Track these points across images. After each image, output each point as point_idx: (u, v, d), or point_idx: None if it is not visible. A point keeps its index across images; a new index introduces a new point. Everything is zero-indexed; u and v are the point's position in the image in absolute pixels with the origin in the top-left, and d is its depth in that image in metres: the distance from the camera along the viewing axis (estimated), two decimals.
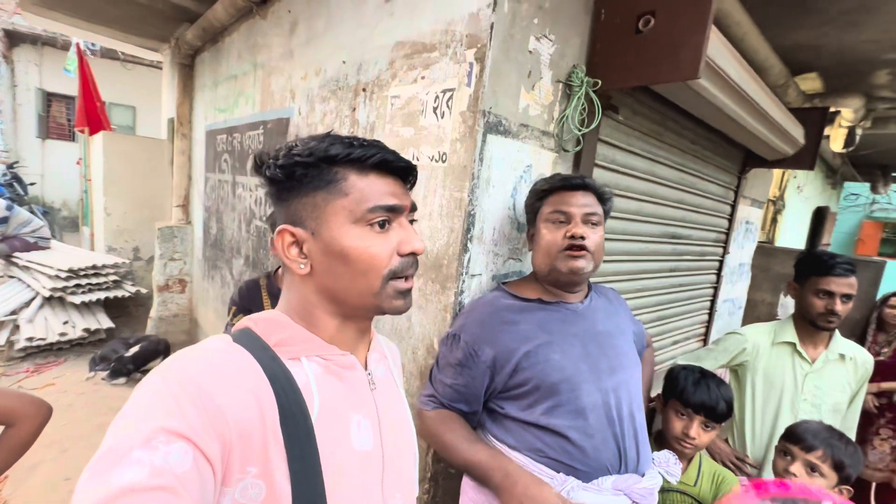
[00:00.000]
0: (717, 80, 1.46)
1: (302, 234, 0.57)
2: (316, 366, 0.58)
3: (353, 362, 0.62)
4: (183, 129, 3.68)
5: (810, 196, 5.22)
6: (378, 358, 0.68)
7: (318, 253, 0.57)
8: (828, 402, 1.60)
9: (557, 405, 0.99)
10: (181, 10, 3.21)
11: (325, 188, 0.56)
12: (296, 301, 0.60)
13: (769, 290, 3.60)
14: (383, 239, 0.58)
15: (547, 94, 1.33)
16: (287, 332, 0.59)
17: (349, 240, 0.56)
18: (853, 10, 2.12)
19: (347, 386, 0.60)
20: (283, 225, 0.58)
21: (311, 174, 0.56)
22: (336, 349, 0.60)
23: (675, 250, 2.25)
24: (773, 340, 1.67)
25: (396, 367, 0.77)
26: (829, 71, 2.84)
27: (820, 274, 1.55)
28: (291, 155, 0.56)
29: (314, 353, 0.59)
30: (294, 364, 0.56)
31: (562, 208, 1.08)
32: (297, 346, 0.58)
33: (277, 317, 0.60)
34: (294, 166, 0.56)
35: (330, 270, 0.57)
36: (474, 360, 1.04)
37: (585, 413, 0.99)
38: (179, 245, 3.74)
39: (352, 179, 0.56)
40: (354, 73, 1.65)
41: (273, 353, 0.56)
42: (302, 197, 0.57)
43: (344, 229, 0.56)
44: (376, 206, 0.57)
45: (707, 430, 1.28)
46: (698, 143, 2.16)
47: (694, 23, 1.18)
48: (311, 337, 0.59)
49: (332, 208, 0.56)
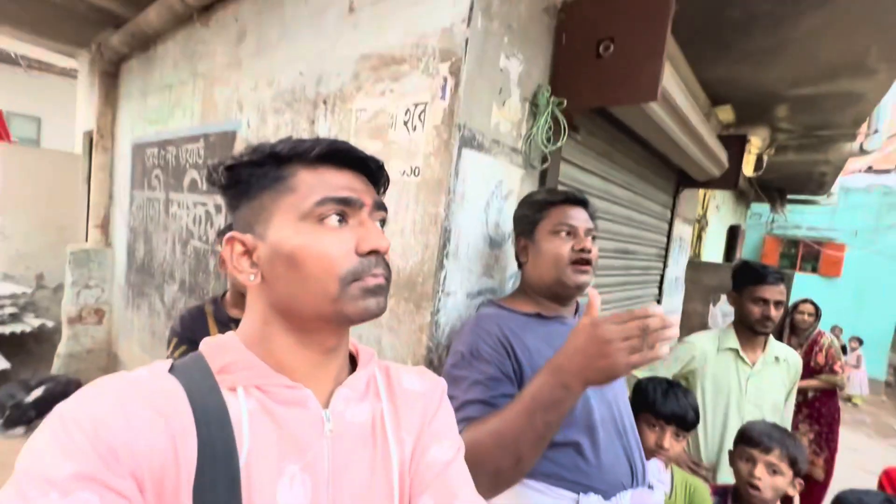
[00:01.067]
0: (666, 107, 1.58)
1: (251, 241, 0.52)
2: (253, 399, 0.50)
3: (304, 397, 0.51)
4: (104, 142, 3.32)
5: (725, 215, 5.81)
6: (351, 396, 0.55)
7: (267, 260, 0.51)
8: (768, 401, 1.73)
9: (570, 423, 0.95)
10: (105, 14, 2.93)
11: (271, 187, 0.51)
12: (251, 320, 0.54)
13: (700, 301, 3.90)
14: (336, 236, 0.50)
15: (516, 111, 1.35)
16: (230, 356, 0.51)
17: (296, 238, 0.50)
18: (762, 50, 2.41)
19: (284, 427, 0.50)
20: (231, 233, 0.52)
21: (258, 174, 0.51)
22: (286, 379, 0.51)
23: (626, 265, 2.36)
24: (719, 347, 1.78)
25: (412, 414, 0.60)
26: (740, 103, 3.20)
27: (755, 283, 1.69)
28: (237, 157, 0.52)
29: (253, 382, 0.50)
30: (232, 395, 0.49)
31: (569, 222, 1.07)
32: (237, 373, 0.51)
33: (227, 339, 0.54)
34: (239, 167, 0.52)
35: (280, 277, 0.50)
36: (503, 371, 0.95)
37: (597, 428, 0.96)
38: (97, 270, 3.32)
39: (301, 175, 0.51)
40: (313, 85, 1.58)
41: (213, 382, 0.49)
42: (250, 200, 0.52)
43: (291, 228, 0.50)
44: (326, 199, 0.50)
45: (678, 439, 1.31)
46: (641, 163, 2.31)
47: (650, 49, 1.26)
48: (253, 363, 0.51)
49: (278, 207, 0.51)
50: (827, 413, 3.11)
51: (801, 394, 3.09)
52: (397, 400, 0.60)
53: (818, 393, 3.11)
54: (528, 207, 1.15)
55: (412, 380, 0.63)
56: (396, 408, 0.59)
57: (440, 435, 0.60)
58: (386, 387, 0.60)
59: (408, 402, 0.60)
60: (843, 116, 3.22)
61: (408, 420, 0.59)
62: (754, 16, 2.06)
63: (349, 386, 0.55)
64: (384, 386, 0.60)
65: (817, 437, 3.12)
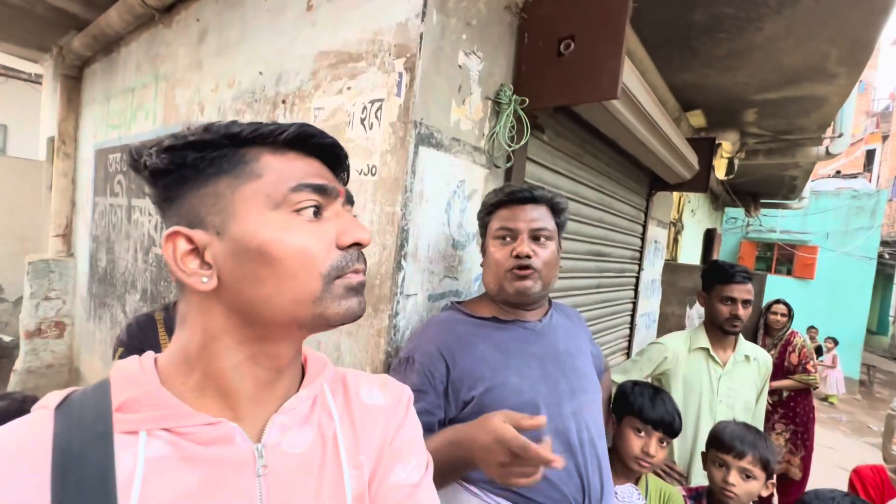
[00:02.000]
0: (629, 105, 1.58)
1: (202, 238, 0.43)
2: (158, 446, 0.41)
3: (229, 434, 0.44)
4: (66, 147, 3.21)
5: (701, 219, 5.91)
6: (290, 423, 0.48)
7: (226, 258, 0.43)
8: (740, 401, 1.73)
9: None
10: (67, 16, 2.85)
11: (230, 172, 0.44)
12: (189, 337, 0.45)
13: (677, 303, 3.93)
14: (316, 228, 0.45)
15: (477, 109, 1.33)
16: (135, 389, 0.43)
17: (269, 231, 0.43)
18: (728, 55, 2.46)
19: (205, 472, 0.42)
20: (173, 227, 0.44)
21: (210, 157, 0.44)
22: (205, 416, 0.43)
23: (599, 267, 2.36)
24: (690, 347, 1.78)
25: (373, 431, 0.53)
26: (710, 108, 3.26)
27: (723, 282, 1.70)
28: (181, 136, 0.43)
29: (160, 424, 0.42)
30: (127, 441, 0.41)
31: (508, 224, 1.01)
32: (141, 412, 0.42)
33: (135, 367, 0.45)
34: (185, 149, 0.43)
35: (246, 277, 0.43)
36: (431, 383, 0.93)
37: (543, 440, 0.92)
38: (58, 281, 3.18)
39: (265, 159, 0.45)
40: (273, 85, 1.53)
41: (103, 427, 0.40)
42: (199, 188, 0.44)
43: (262, 218, 0.43)
44: (301, 185, 0.45)
45: (663, 446, 1.28)
46: (612, 165, 2.32)
47: (610, 48, 1.25)
48: (161, 399, 0.43)
49: (242, 195, 0.43)
50: (802, 412, 3.15)
51: (776, 394, 3.12)
52: (355, 416, 0.53)
53: (793, 393, 3.14)
54: (481, 210, 1.11)
55: (372, 392, 0.57)
56: (354, 426, 0.52)
57: (405, 453, 0.55)
58: (343, 402, 0.54)
59: (367, 418, 0.54)
60: (808, 120, 3.30)
61: (367, 439, 0.52)
62: (718, 19, 2.10)
63: (286, 412, 0.48)
64: (340, 401, 0.54)
65: (793, 436, 3.15)
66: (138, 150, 0.45)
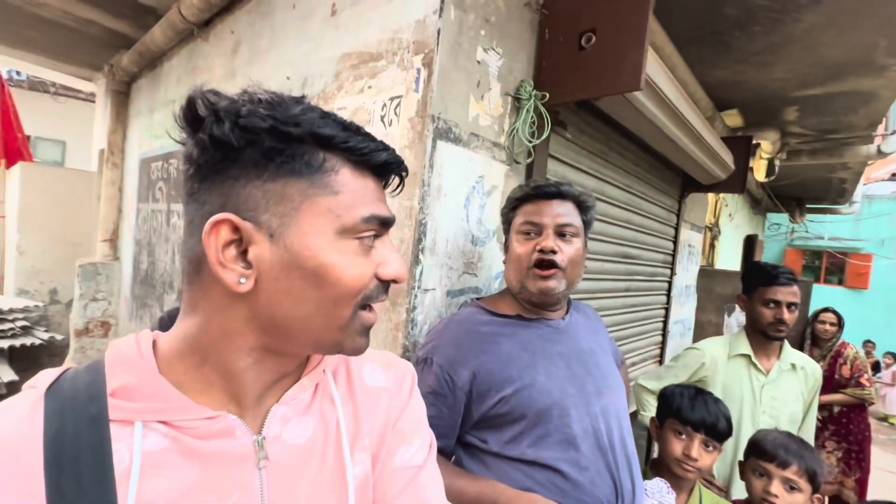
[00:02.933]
0: (655, 99, 1.53)
1: (252, 233, 0.40)
2: (155, 439, 0.39)
3: (229, 427, 0.43)
4: (114, 158, 3.42)
5: (740, 224, 5.64)
6: (290, 414, 0.47)
7: (273, 265, 0.40)
8: (785, 412, 1.61)
9: (545, 435, 0.88)
10: (117, 36, 3.06)
11: (306, 177, 0.40)
12: (203, 326, 0.42)
13: (713, 311, 3.75)
14: (368, 259, 0.44)
15: (496, 105, 1.33)
16: (131, 374, 0.40)
17: (331, 254, 0.41)
18: (763, 50, 2.36)
19: (205, 467, 0.41)
20: (225, 213, 0.39)
21: (290, 152, 0.40)
22: (205, 410, 0.41)
23: (628, 270, 2.28)
24: (730, 353, 1.68)
25: (375, 414, 0.52)
26: (747, 107, 3.13)
27: (766, 284, 1.59)
28: (266, 116, 0.39)
29: (158, 415, 0.40)
30: (122, 431, 0.39)
31: (533, 219, 0.98)
32: (138, 401, 0.40)
33: (132, 349, 0.42)
34: (267, 133, 0.39)
35: (290, 292, 0.41)
36: (450, 387, 0.91)
37: (577, 443, 0.88)
38: (104, 283, 3.38)
39: (344, 174, 0.42)
40: (299, 88, 1.59)
41: (97, 411, 0.38)
42: (264, 181, 0.40)
43: (326, 239, 0.41)
44: (373, 216, 0.43)
45: (709, 450, 1.21)
46: (640, 164, 2.25)
47: (632, 39, 1.23)
48: (161, 389, 0.40)
49: (313, 207, 0.40)
50: (856, 430, 2.92)
51: (826, 409, 2.91)
52: (357, 401, 0.52)
53: (845, 408, 2.92)
54: (506, 205, 1.09)
55: (375, 372, 0.56)
56: (357, 410, 0.51)
57: (408, 434, 0.54)
58: (346, 385, 0.53)
59: (369, 401, 0.53)
60: (856, 117, 3.11)
61: (369, 423, 0.52)
62: (752, 12, 2.02)
63: (287, 402, 0.47)
64: (343, 385, 0.53)
65: (846, 455, 2.92)
66: (205, 98, 0.39)
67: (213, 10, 2.15)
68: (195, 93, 0.40)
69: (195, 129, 0.40)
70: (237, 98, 0.41)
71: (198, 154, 0.40)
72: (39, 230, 4.18)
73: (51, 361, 3.95)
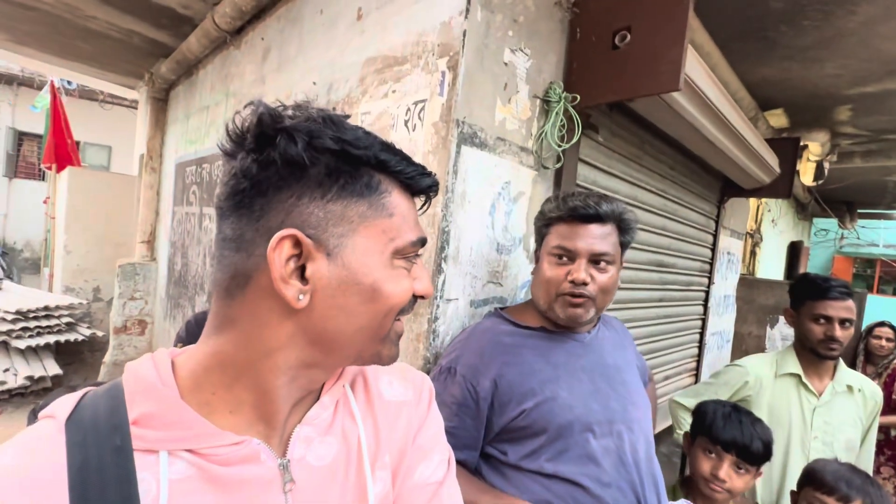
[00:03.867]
0: (694, 99, 1.44)
1: (312, 250, 0.40)
2: (180, 466, 0.39)
3: (254, 453, 0.43)
4: (152, 163, 3.56)
5: (784, 230, 5.34)
6: (314, 434, 0.47)
7: (330, 282, 0.41)
8: (840, 439, 1.47)
9: (565, 450, 0.86)
10: (157, 45, 3.18)
11: (365, 198, 0.42)
12: (240, 343, 0.42)
13: (754, 322, 3.55)
14: (409, 276, 0.46)
15: (524, 108, 1.28)
16: (153, 402, 0.40)
17: (384, 273, 0.43)
18: (812, 46, 2.21)
19: (230, 493, 0.41)
20: (292, 229, 0.39)
21: (353, 173, 0.41)
22: (229, 436, 0.41)
23: (663, 279, 2.17)
24: (777, 372, 1.55)
25: (395, 430, 0.52)
26: (794, 106, 2.94)
27: (816, 298, 1.46)
28: (336, 138, 0.40)
29: (183, 444, 0.40)
30: (147, 460, 0.38)
31: (566, 244, 0.93)
32: (161, 430, 0.39)
33: (151, 374, 0.42)
34: (334, 154, 0.40)
35: (345, 308, 0.42)
36: (473, 397, 0.89)
37: (598, 458, 0.85)
38: (141, 283, 3.51)
39: (396, 196, 0.44)
40: (325, 94, 1.58)
41: (121, 441, 0.38)
42: (327, 200, 0.41)
43: (381, 259, 0.43)
44: (419, 239, 0.46)
45: (740, 472, 1.13)
46: (677, 168, 2.14)
47: (671, 36, 1.15)
48: (185, 416, 0.40)
49: (370, 229, 0.42)
50: None
51: (882, 432, 2.69)
52: (377, 416, 0.52)
53: None
54: (539, 218, 1.04)
55: (393, 386, 0.56)
56: (377, 426, 0.51)
57: (428, 449, 0.54)
58: (364, 400, 0.53)
59: (389, 416, 0.53)
60: None
61: (389, 439, 0.51)
62: (800, 5, 1.89)
63: (310, 422, 0.47)
64: (362, 400, 0.53)
65: None
66: (271, 122, 0.39)
67: (244, 18, 2.19)
68: (261, 109, 0.40)
69: (260, 145, 0.40)
70: (293, 113, 0.41)
71: (258, 170, 0.40)
72: (84, 231, 4.40)
73: (92, 356, 4.15)
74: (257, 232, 0.40)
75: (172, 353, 0.45)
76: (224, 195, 0.42)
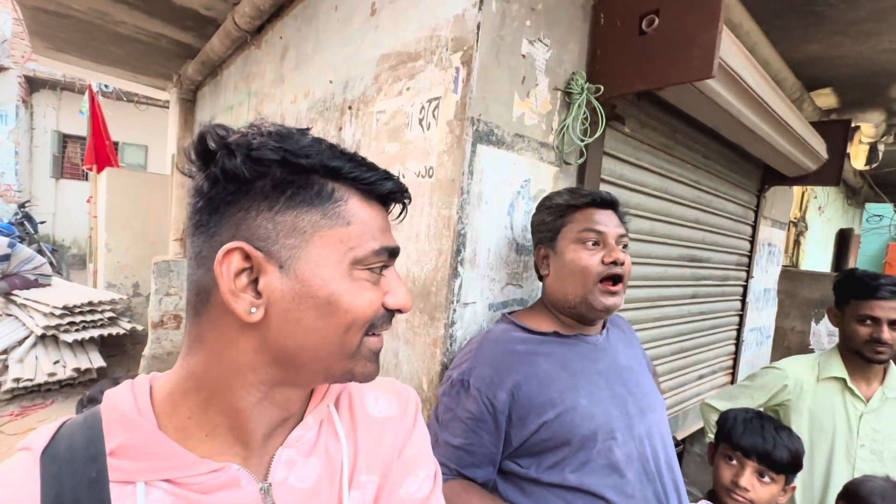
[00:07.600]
0: (731, 85, 1.34)
1: (262, 262, 0.40)
2: (158, 496, 0.39)
3: (233, 479, 0.42)
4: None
5: (832, 217, 4.99)
6: (296, 456, 0.47)
7: (284, 296, 0.40)
8: (889, 448, 1.36)
9: (588, 461, 0.83)
10: (183, 47, 3.25)
11: (317, 208, 0.41)
12: (209, 362, 0.42)
13: (798, 317, 3.35)
14: (377, 288, 0.44)
15: (544, 102, 1.21)
16: (130, 433, 0.40)
17: (344, 284, 0.41)
18: (867, 18, 2.01)
19: None
20: (238, 242, 0.39)
21: (300, 183, 0.40)
22: (208, 463, 0.41)
23: (696, 274, 2.06)
24: (819, 376, 1.45)
25: (380, 446, 0.52)
26: (844, 85, 2.72)
27: (862, 297, 1.35)
28: (276, 148, 0.39)
29: (161, 474, 0.39)
30: (124, 491, 0.38)
31: (597, 228, 0.92)
32: (138, 460, 0.39)
33: (132, 397, 0.42)
34: (278, 165, 0.39)
35: (301, 322, 0.41)
36: (490, 412, 0.86)
37: (621, 468, 0.82)
38: (176, 279, 3.65)
39: (353, 205, 0.43)
40: (341, 92, 1.56)
41: (97, 473, 0.37)
42: (275, 213, 0.40)
43: (338, 270, 0.41)
44: (383, 248, 0.44)
45: (763, 481, 1.06)
46: (712, 157, 2.02)
47: (704, 18, 1.06)
48: (163, 446, 0.40)
49: (325, 239, 0.41)
50: None
51: None
52: (360, 433, 0.51)
53: None
54: (547, 212, 1.00)
55: (379, 402, 0.55)
56: (358, 444, 0.51)
57: (414, 466, 0.53)
58: (348, 418, 0.52)
59: (373, 432, 0.52)
60: None
61: (373, 456, 0.51)
62: None
63: (292, 444, 0.47)
64: (346, 417, 0.52)
65: None
66: (214, 133, 0.40)
67: (263, 17, 2.20)
68: (205, 128, 0.41)
69: (206, 162, 0.41)
70: (246, 132, 0.41)
71: (208, 187, 0.41)
72: (123, 229, 4.60)
73: (134, 349, 4.36)
74: (212, 248, 0.40)
75: (153, 378, 0.45)
76: (188, 215, 0.42)
